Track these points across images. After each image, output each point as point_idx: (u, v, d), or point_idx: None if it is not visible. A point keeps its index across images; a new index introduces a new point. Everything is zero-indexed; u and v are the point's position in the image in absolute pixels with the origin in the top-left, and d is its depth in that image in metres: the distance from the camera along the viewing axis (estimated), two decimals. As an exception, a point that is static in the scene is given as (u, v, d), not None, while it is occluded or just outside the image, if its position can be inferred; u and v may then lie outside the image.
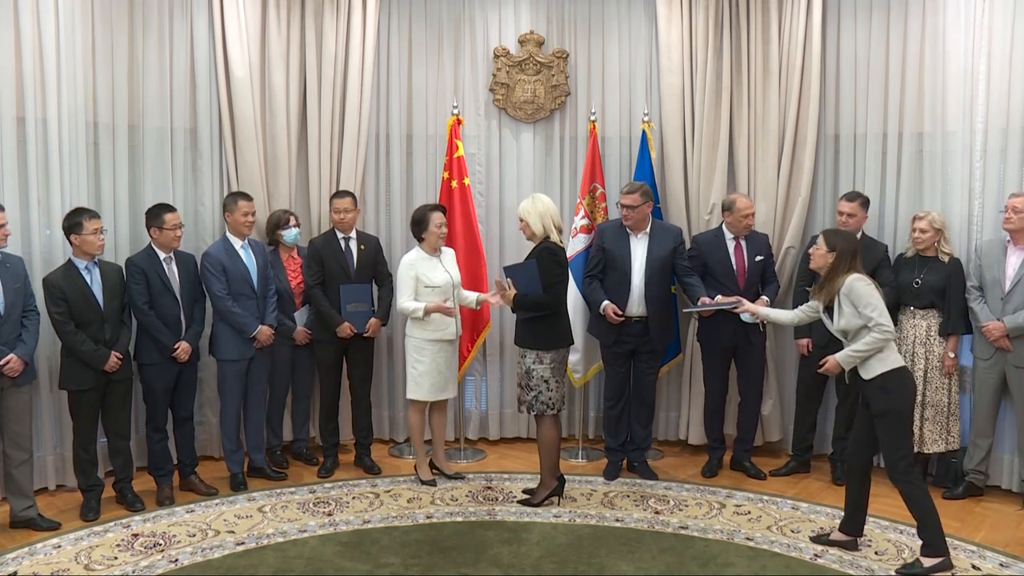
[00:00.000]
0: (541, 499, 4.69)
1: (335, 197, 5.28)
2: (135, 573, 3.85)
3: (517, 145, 5.92)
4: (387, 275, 5.34)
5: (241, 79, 5.29)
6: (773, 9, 5.50)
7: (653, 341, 5.04)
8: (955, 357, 4.86)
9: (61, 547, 4.12)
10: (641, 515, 4.58)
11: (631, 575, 3.88)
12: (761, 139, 5.56)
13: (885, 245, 5.12)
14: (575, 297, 5.31)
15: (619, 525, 4.45)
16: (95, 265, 4.44)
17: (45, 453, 4.78)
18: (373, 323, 5.15)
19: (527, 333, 4.59)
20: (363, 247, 5.26)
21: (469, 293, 5.13)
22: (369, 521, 4.48)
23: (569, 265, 4.74)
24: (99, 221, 4.40)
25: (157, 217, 4.61)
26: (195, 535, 4.27)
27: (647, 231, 5.03)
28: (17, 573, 3.83)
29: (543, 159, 5.95)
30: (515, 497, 4.82)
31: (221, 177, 5.42)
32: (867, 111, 5.39)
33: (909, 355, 4.88)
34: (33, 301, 4.38)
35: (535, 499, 4.70)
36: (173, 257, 4.69)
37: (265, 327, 4.91)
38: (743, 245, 5.16)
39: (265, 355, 5.04)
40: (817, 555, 4.11)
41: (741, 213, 5.10)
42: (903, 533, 4.28)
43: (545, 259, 4.48)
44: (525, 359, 4.61)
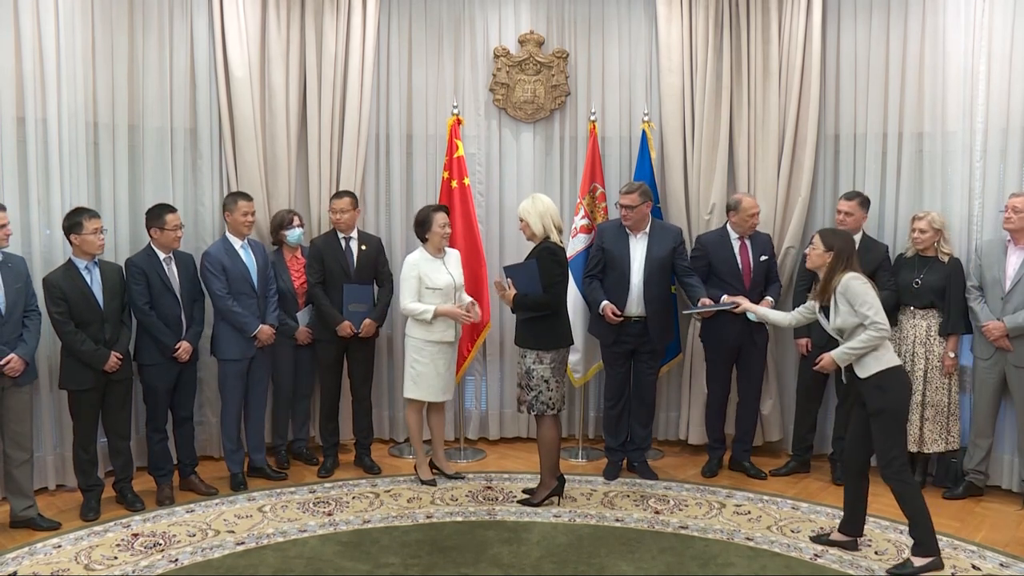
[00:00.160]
0: (541, 499, 4.69)
1: (333, 197, 5.28)
2: (135, 573, 3.85)
3: (517, 145, 5.92)
4: (388, 275, 5.34)
5: (241, 79, 5.29)
6: (773, 9, 5.51)
7: (653, 341, 5.04)
8: (955, 357, 4.86)
9: (61, 547, 4.12)
10: (641, 515, 4.58)
11: (631, 575, 3.88)
12: (761, 139, 5.56)
13: (886, 246, 5.11)
14: (575, 297, 5.32)
15: (619, 525, 4.46)
16: (95, 265, 4.44)
17: (45, 453, 4.79)
18: (367, 323, 5.14)
19: (527, 333, 4.59)
20: (364, 247, 5.26)
21: (467, 297, 5.12)
22: (369, 521, 4.48)
23: (569, 265, 4.74)
24: (99, 221, 4.40)
25: (158, 217, 4.61)
26: (195, 535, 4.28)
27: (646, 231, 5.03)
28: (17, 573, 3.83)
29: (543, 159, 5.95)
30: (515, 497, 4.82)
31: (221, 177, 5.42)
32: (867, 111, 5.39)
33: (909, 355, 4.89)
34: (35, 301, 4.38)
35: (535, 499, 4.70)
36: (173, 257, 4.69)
37: (266, 326, 4.92)
38: (748, 245, 5.15)
39: (266, 355, 5.05)
40: (817, 555, 4.11)
41: (747, 212, 5.10)
42: (903, 533, 4.26)
43: (545, 259, 4.48)
44: (525, 359, 4.61)
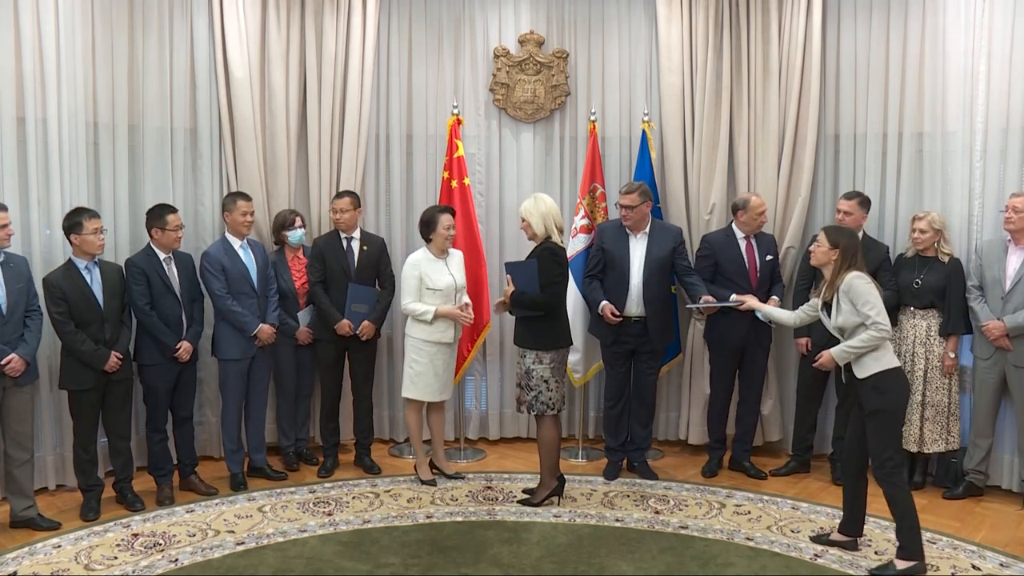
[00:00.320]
0: (541, 499, 4.69)
1: (335, 198, 5.28)
2: (135, 573, 3.85)
3: (517, 145, 5.92)
4: (390, 276, 5.32)
5: (241, 79, 5.29)
6: (773, 9, 5.51)
7: (652, 341, 5.04)
8: (955, 357, 4.86)
9: (61, 547, 4.12)
10: (641, 515, 4.58)
11: (631, 575, 3.88)
12: (761, 139, 5.56)
13: (886, 246, 5.11)
14: (575, 297, 5.31)
15: (619, 525, 4.45)
16: (95, 265, 4.44)
17: (45, 453, 4.78)
18: (365, 325, 5.13)
19: (527, 333, 4.59)
20: (366, 247, 5.25)
21: (465, 297, 5.10)
22: (369, 521, 4.48)
23: (569, 265, 4.74)
24: (99, 221, 4.40)
25: (159, 218, 4.61)
26: (195, 535, 4.27)
27: (646, 231, 5.03)
28: (17, 573, 3.83)
29: (543, 159, 5.94)
30: (515, 497, 4.82)
31: (221, 177, 5.42)
32: (867, 111, 5.39)
33: (909, 355, 4.89)
34: (36, 301, 4.38)
35: (535, 499, 4.70)
36: (172, 257, 4.69)
37: (266, 325, 4.92)
38: (754, 244, 5.16)
39: (267, 355, 5.05)
40: (817, 555, 4.11)
41: (756, 211, 5.10)
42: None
43: (545, 259, 4.48)
44: (525, 359, 4.61)
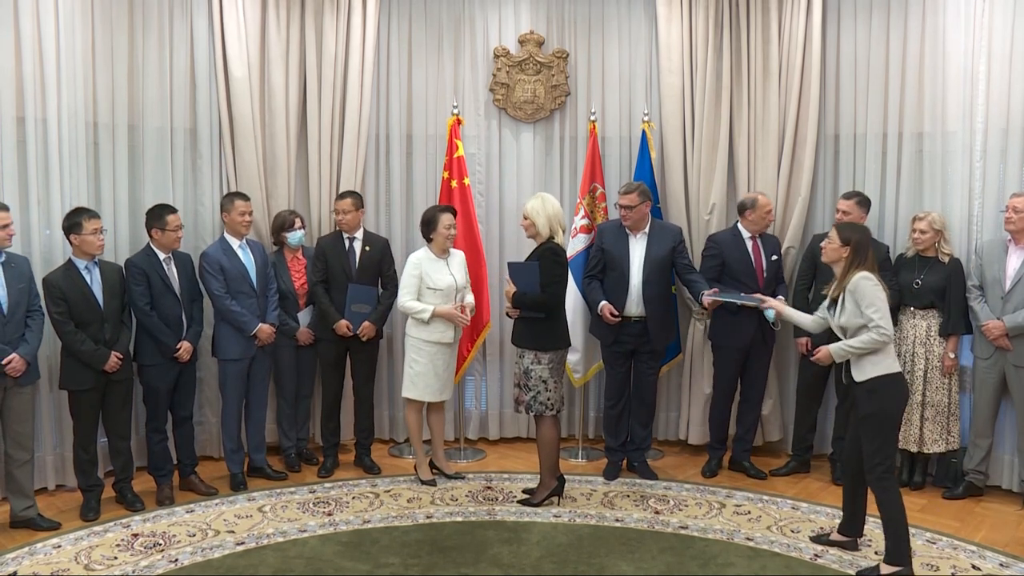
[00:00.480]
0: (541, 499, 4.69)
1: (337, 198, 5.28)
2: (135, 573, 3.85)
3: (517, 145, 5.92)
4: (392, 277, 5.29)
5: (240, 79, 5.29)
6: (773, 9, 5.51)
7: (652, 341, 5.03)
8: (955, 357, 4.86)
9: (61, 547, 4.12)
10: (641, 515, 4.58)
11: (631, 575, 3.88)
12: (761, 139, 5.56)
13: (887, 247, 5.11)
14: (575, 297, 5.32)
15: (619, 525, 4.46)
16: (95, 265, 4.44)
17: (45, 453, 4.78)
18: (365, 326, 5.12)
19: (525, 333, 4.59)
20: (368, 248, 5.24)
21: (470, 296, 5.12)
22: (369, 521, 4.48)
23: (569, 265, 4.74)
24: (99, 221, 4.39)
25: (159, 218, 4.60)
26: (195, 535, 4.28)
27: (646, 231, 5.03)
28: (17, 573, 3.83)
29: (543, 159, 5.94)
30: (515, 497, 4.82)
31: (221, 177, 5.42)
32: (867, 111, 5.39)
33: (909, 355, 4.88)
34: (38, 301, 4.37)
35: (535, 499, 4.70)
36: (172, 257, 4.69)
37: (265, 325, 4.91)
38: (760, 244, 5.16)
39: (267, 355, 5.05)
40: (817, 555, 4.11)
41: (764, 210, 5.11)
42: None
43: (547, 259, 4.49)
44: (523, 359, 4.61)
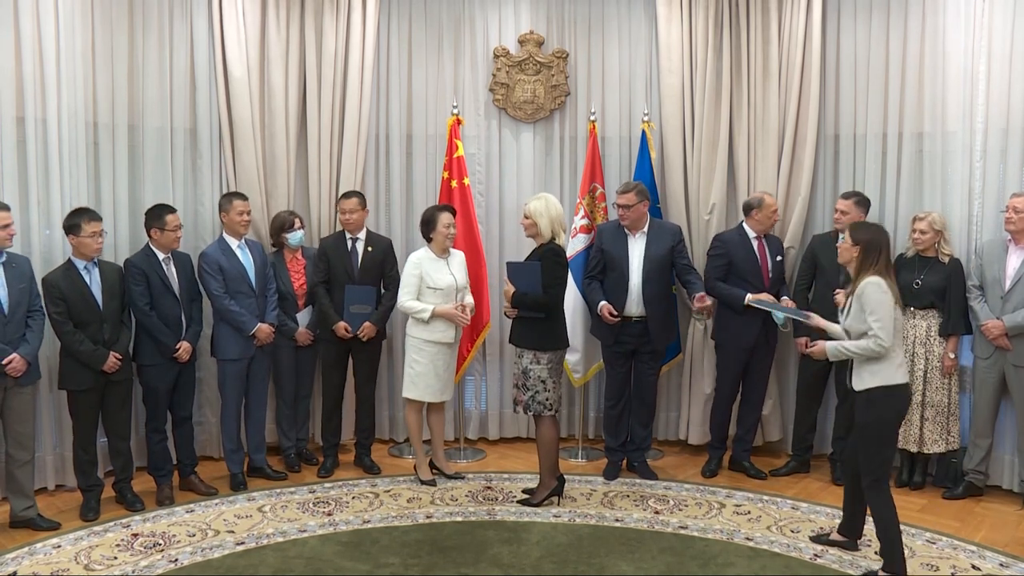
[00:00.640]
0: (541, 499, 4.69)
1: (342, 198, 5.27)
2: (135, 573, 3.85)
3: (517, 145, 5.92)
4: (394, 278, 5.26)
5: (240, 79, 5.29)
6: (773, 9, 5.50)
7: (653, 341, 5.03)
8: (955, 357, 4.86)
9: (61, 547, 4.12)
10: (641, 515, 4.58)
11: (631, 575, 3.88)
12: (761, 139, 5.56)
13: (887, 247, 5.11)
14: (575, 297, 5.31)
15: (619, 525, 4.45)
16: (95, 265, 4.43)
17: (45, 453, 4.78)
18: (366, 326, 5.12)
19: (525, 333, 4.59)
20: (370, 249, 5.24)
21: (469, 296, 5.12)
22: (369, 521, 4.48)
23: (568, 265, 4.74)
24: (99, 224, 4.38)
25: (159, 218, 4.60)
26: (195, 535, 4.28)
27: (645, 231, 5.02)
28: (17, 573, 3.83)
29: (543, 159, 5.94)
30: (515, 497, 4.82)
31: (220, 177, 5.42)
32: (867, 111, 5.39)
33: (909, 355, 4.87)
34: (39, 301, 4.37)
35: (535, 499, 4.70)
36: (171, 257, 4.69)
37: (264, 325, 4.91)
38: (765, 244, 5.16)
39: (266, 355, 5.05)
40: (817, 555, 4.11)
41: (770, 210, 5.12)
42: (903, 534, 4.25)
43: (549, 260, 4.49)
44: (522, 359, 4.60)
